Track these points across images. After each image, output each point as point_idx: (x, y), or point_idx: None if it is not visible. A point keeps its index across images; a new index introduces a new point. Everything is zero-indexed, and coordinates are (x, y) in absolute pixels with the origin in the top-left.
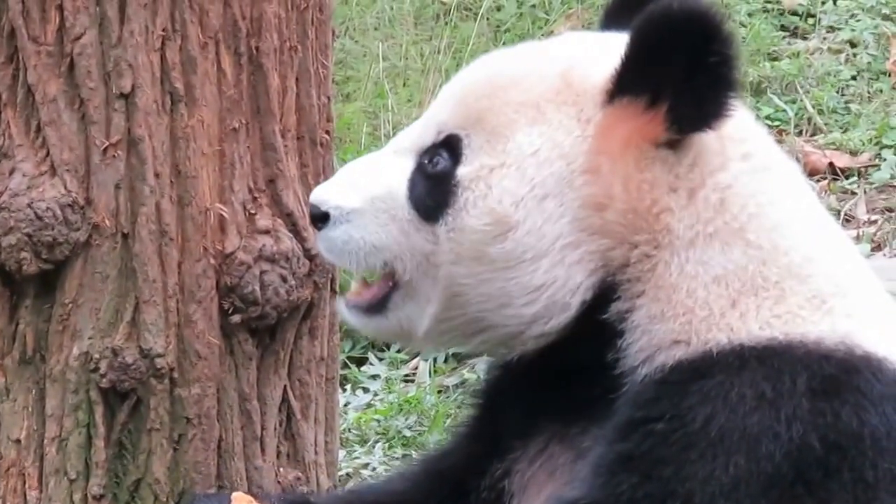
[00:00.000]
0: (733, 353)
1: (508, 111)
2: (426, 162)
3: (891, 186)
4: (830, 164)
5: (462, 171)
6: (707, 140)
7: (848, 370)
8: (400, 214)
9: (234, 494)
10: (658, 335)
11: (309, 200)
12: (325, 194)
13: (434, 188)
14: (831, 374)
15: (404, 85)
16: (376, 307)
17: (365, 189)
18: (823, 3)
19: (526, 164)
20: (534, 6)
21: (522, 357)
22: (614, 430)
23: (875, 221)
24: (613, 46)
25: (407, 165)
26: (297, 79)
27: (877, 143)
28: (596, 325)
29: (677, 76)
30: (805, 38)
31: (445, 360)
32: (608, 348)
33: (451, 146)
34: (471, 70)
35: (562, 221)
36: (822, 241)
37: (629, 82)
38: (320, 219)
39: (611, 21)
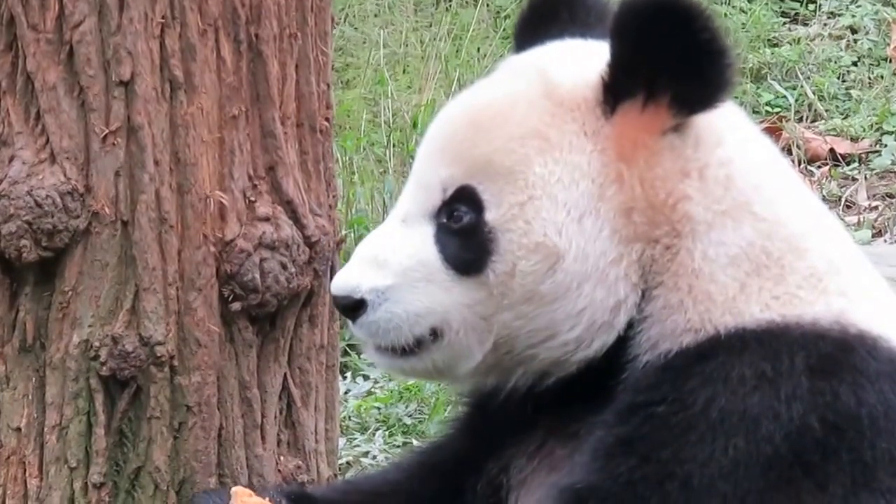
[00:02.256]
0: (736, 335)
1: (514, 146)
2: (446, 220)
3: (891, 172)
4: (831, 150)
5: (491, 216)
6: (701, 116)
7: (844, 349)
8: (437, 277)
9: (234, 489)
10: (671, 325)
11: (334, 293)
12: (352, 281)
13: (468, 241)
14: (828, 353)
15: (404, 72)
16: (409, 348)
17: (392, 264)
18: None
19: (554, 190)
20: None
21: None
22: (614, 416)
23: (876, 207)
24: (571, 54)
25: (425, 230)
26: (296, 66)
27: (877, 129)
28: None
29: (671, 64)
30: (805, 24)
31: None
32: (616, 342)
33: (466, 198)
34: (446, 121)
35: (602, 236)
36: (811, 212)
37: (624, 86)
38: (355, 307)
39: (524, 38)
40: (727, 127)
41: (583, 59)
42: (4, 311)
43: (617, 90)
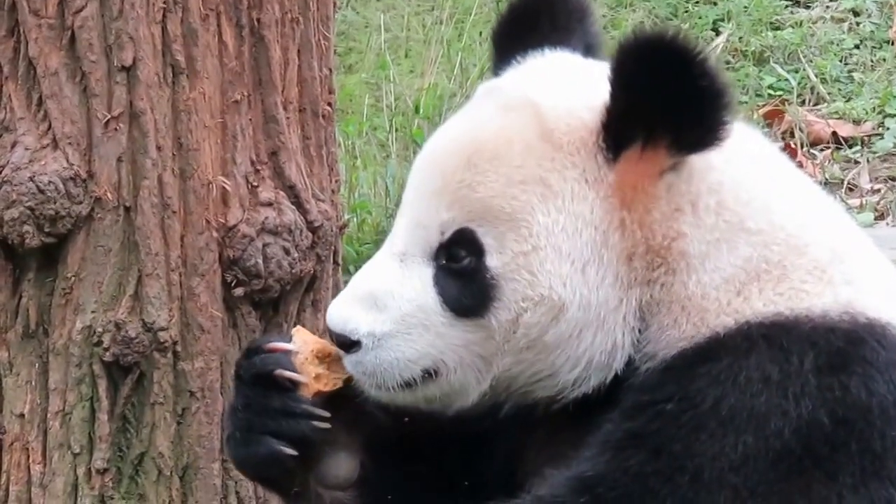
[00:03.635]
0: (740, 333)
1: (515, 192)
2: (445, 262)
3: (894, 155)
4: (834, 133)
5: (494, 263)
6: None
7: (853, 341)
8: (434, 321)
9: (296, 328)
10: (665, 339)
11: (331, 326)
12: (351, 322)
13: (469, 285)
14: (838, 348)
15: (406, 56)
16: (406, 383)
17: (392, 309)
18: None
19: (558, 241)
20: None
21: None
22: (620, 414)
23: (878, 190)
24: (559, 81)
25: (424, 272)
26: (298, 50)
27: (880, 112)
28: None
29: (670, 109)
30: (808, 7)
31: None
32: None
33: (466, 241)
34: (439, 157)
35: (605, 284)
36: (809, 205)
37: (624, 133)
38: (350, 344)
39: (503, 47)
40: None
41: (573, 90)
42: (7, 297)
43: (617, 136)
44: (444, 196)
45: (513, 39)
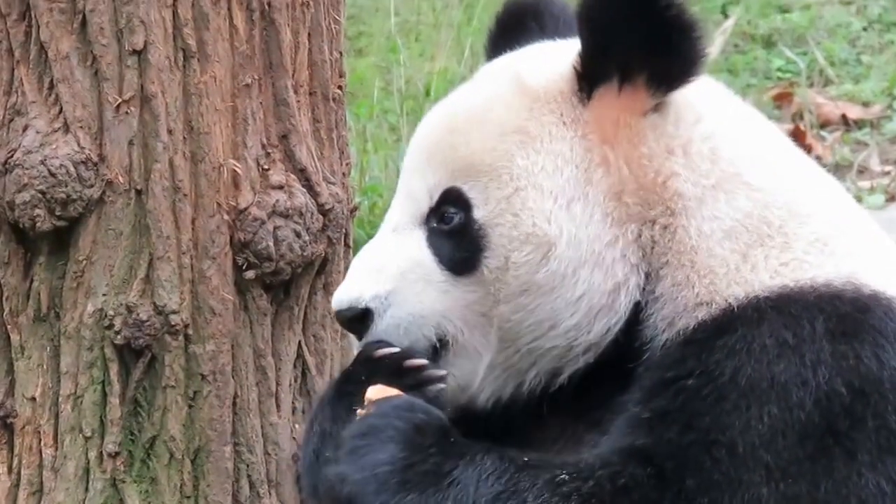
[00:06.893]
0: (750, 305)
1: (494, 145)
2: (436, 224)
3: None
4: (843, 115)
5: (480, 213)
6: (679, 94)
7: (860, 308)
8: (434, 278)
9: (371, 388)
10: (682, 301)
11: (337, 309)
12: (353, 292)
13: (460, 241)
14: (846, 313)
15: (416, 40)
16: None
17: (390, 268)
18: None
19: (538, 180)
20: None
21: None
22: (643, 392)
23: (888, 172)
24: (542, 54)
25: (417, 235)
26: (309, 34)
27: (889, 94)
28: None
29: (641, 44)
30: None
31: None
32: (629, 324)
33: (453, 199)
34: (426, 132)
35: (594, 220)
36: (808, 176)
37: (596, 71)
38: (361, 318)
39: (496, 49)
40: (706, 102)
41: (554, 57)
42: (19, 280)
43: (590, 76)
44: (430, 163)
45: (504, 46)
